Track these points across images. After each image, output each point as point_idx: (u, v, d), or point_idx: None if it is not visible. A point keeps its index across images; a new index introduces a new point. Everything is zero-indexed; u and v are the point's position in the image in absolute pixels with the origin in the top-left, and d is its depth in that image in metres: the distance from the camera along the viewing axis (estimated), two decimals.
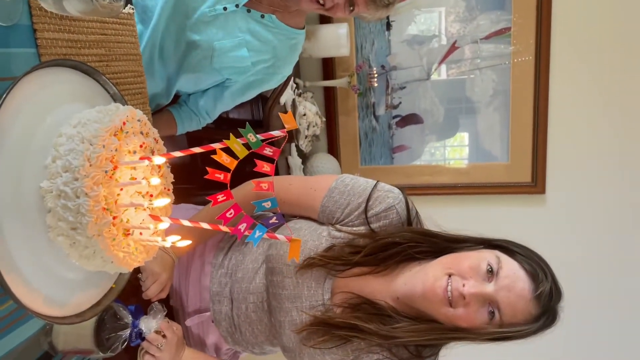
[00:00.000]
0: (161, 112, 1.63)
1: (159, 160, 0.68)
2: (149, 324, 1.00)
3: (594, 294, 2.31)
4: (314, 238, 1.15)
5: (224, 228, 0.72)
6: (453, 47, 2.30)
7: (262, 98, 1.95)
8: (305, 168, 2.29)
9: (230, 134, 0.70)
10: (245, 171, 0.91)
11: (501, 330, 0.99)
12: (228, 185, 0.73)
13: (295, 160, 2.20)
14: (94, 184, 0.63)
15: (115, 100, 0.83)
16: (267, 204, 0.73)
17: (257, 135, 0.71)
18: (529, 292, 0.99)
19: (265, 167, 0.73)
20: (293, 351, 1.15)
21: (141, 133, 0.73)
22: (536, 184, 2.31)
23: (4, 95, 0.61)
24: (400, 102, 2.40)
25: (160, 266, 1.16)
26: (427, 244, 1.10)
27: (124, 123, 0.69)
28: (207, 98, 1.62)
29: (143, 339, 1.02)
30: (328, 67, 2.38)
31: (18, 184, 0.64)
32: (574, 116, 2.26)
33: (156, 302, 1.08)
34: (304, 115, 2.18)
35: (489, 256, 1.03)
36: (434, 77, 2.35)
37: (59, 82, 0.72)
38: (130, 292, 1.14)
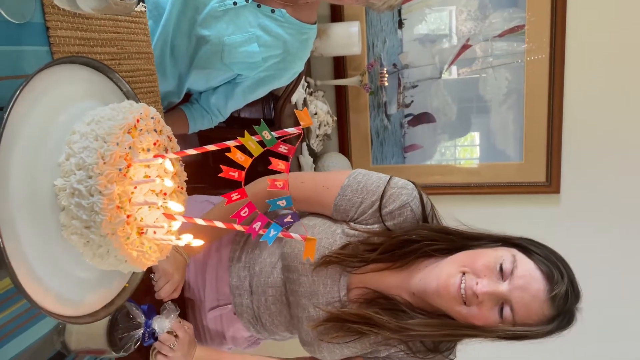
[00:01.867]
0: (173, 110, 1.63)
1: (170, 166, 0.67)
2: (162, 324, 0.99)
3: (612, 295, 2.27)
4: (329, 236, 1.15)
5: (239, 227, 0.71)
6: (466, 46, 2.28)
7: (273, 97, 1.94)
8: (316, 167, 2.28)
9: (245, 131, 0.69)
10: (257, 170, 0.90)
11: (514, 329, 0.98)
12: (242, 183, 0.72)
13: (306, 160, 2.19)
14: (107, 182, 0.62)
15: (128, 98, 0.82)
16: (282, 203, 0.72)
17: (272, 133, 0.69)
18: (544, 293, 0.97)
19: (280, 165, 0.71)
20: (312, 345, 1.15)
21: (155, 131, 0.72)
22: (551, 184, 2.29)
23: (17, 93, 0.61)
24: (412, 101, 2.38)
25: (173, 266, 1.16)
26: (444, 242, 1.09)
27: (138, 120, 0.68)
28: (218, 95, 1.62)
29: (156, 338, 1.01)
30: (339, 65, 2.37)
31: (31, 181, 0.63)
32: (590, 114, 2.23)
33: (169, 302, 1.07)
34: (315, 114, 2.16)
35: (504, 255, 1.01)
36: (445, 75, 2.33)
37: (72, 80, 0.71)
38: (143, 292, 1.13)
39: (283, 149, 0.70)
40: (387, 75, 2.30)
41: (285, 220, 0.73)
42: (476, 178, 2.40)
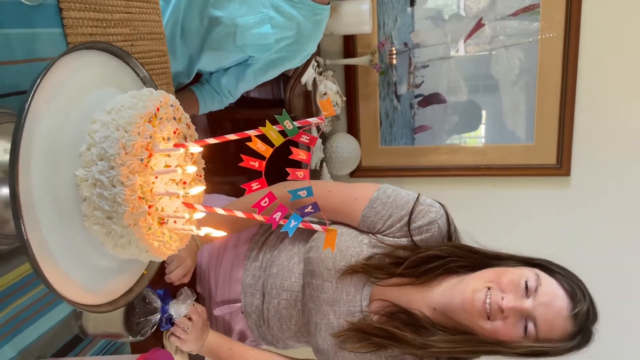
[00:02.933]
0: (183, 90, 1.61)
1: (196, 149, 0.66)
2: (179, 309, 1.00)
3: (622, 279, 2.27)
4: (355, 245, 1.15)
5: (259, 217, 0.70)
6: (479, 24, 2.24)
7: (283, 77, 1.91)
8: (325, 148, 2.27)
9: (267, 121, 0.68)
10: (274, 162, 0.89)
11: (537, 346, 1.00)
12: (263, 173, 0.71)
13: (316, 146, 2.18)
14: (129, 172, 0.61)
15: (145, 84, 0.81)
16: (303, 193, 0.72)
17: (294, 123, 0.68)
18: (567, 311, 1.00)
19: (302, 155, 0.70)
20: (327, 353, 1.15)
21: (174, 119, 0.71)
22: (561, 166, 2.27)
23: (38, 80, 0.59)
24: (422, 81, 2.35)
25: (186, 251, 1.16)
26: (468, 259, 1.11)
27: (158, 109, 0.67)
28: (229, 77, 1.60)
29: (173, 324, 1.02)
30: (349, 44, 2.33)
31: (53, 172, 0.62)
32: (603, 96, 2.20)
33: (185, 288, 1.08)
34: (325, 94, 2.14)
35: (528, 273, 1.03)
36: (456, 54, 2.29)
37: (91, 66, 0.70)
38: (157, 275, 1.14)
39: (305, 139, 0.69)
40: (395, 52, 2.26)
41: (306, 210, 0.73)
42: (484, 159, 2.38)
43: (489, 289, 1.02)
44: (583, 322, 1.00)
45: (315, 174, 2.22)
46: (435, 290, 1.11)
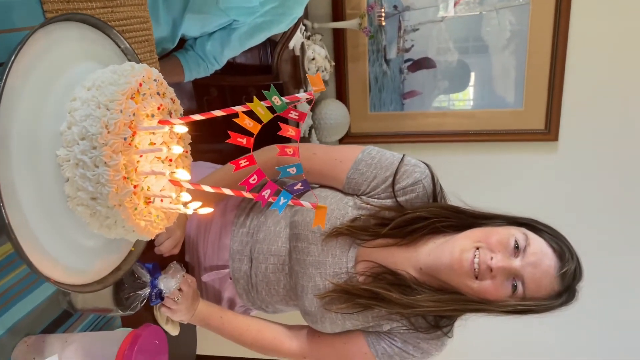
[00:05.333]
0: (167, 58, 1.56)
1: (181, 129, 0.64)
2: (169, 284, 0.99)
3: (608, 244, 2.32)
4: (340, 207, 1.15)
5: (248, 195, 0.69)
6: None
7: (270, 42, 1.87)
8: (313, 115, 2.24)
9: (254, 96, 0.65)
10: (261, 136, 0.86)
11: (523, 304, 1.01)
12: (251, 150, 0.69)
13: (304, 107, 2.14)
14: (113, 152, 0.60)
15: (126, 55, 0.77)
16: (293, 170, 0.70)
17: (283, 98, 0.66)
18: (555, 270, 1.00)
19: (291, 132, 0.69)
20: (314, 315, 1.16)
21: (158, 94, 0.69)
22: (549, 131, 2.27)
23: (14, 56, 0.56)
24: (412, 45, 2.30)
25: (175, 222, 1.15)
26: (454, 219, 1.10)
27: (141, 84, 0.64)
28: (213, 42, 1.55)
29: (162, 298, 1.02)
30: (337, 7, 2.27)
31: (33, 151, 0.60)
32: (593, 60, 2.19)
33: (174, 262, 1.07)
34: (313, 59, 2.10)
35: (516, 232, 1.03)
36: (446, 15, 2.23)
37: (69, 39, 0.67)
38: (145, 249, 1.13)
39: (294, 114, 0.67)
40: (384, 13, 2.20)
41: (295, 187, 0.72)
42: (472, 124, 2.37)
43: (477, 248, 1.02)
44: (569, 281, 1.01)
45: (304, 141, 2.20)
46: (421, 250, 1.11)
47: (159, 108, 0.68)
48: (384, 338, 1.14)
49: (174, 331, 1.21)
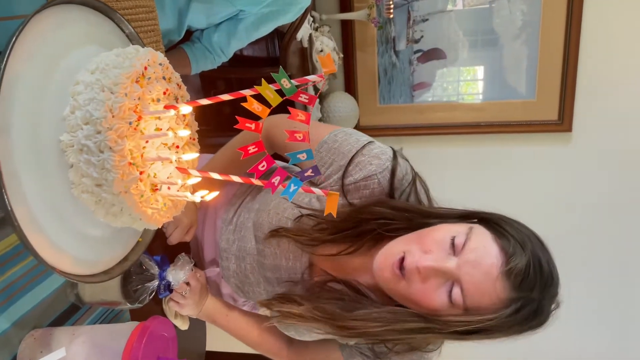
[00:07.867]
0: (173, 50, 1.55)
1: (186, 109, 0.62)
2: (177, 276, 0.98)
3: (622, 236, 2.27)
4: (299, 201, 1.01)
5: (257, 182, 0.67)
6: None
7: (278, 33, 1.85)
8: (322, 108, 2.22)
9: (262, 79, 0.63)
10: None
11: (467, 320, 0.81)
12: (260, 135, 0.67)
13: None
14: (118, 136, 0.58)
15: (131, 41, 0.76)
16: (303, 156, 0.68)
17: (292, 81, 0.64)
18: (497, 269, 0.80)
19: (300, 116, 0.67)
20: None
21: (164, 78, 0.67)
22: (563, 122, 2.23)
23: (14, 39, 0.55)
24: (422, 36, 2.27)
25: (183, 211, 1.12)
26: (401, 220, 0.93)
27: (146, 68, 0.62)
28: (220, 33, 1.53)
29: (171, 291, 1.00)
30: None
31: (36, 137, 0.58)
32: (607, 49, 2.14)
33: (183, 254, 1.05)
34: (321, 51, 2.07)
35: (459, 229, 0.86)
36: (453, 7, 2.20)
37: (71, 22, 0.65)
38: (154, 241, 1.11)
39: (303, 98, 0.65)
40: (393, 5, 2.17)
41: (306, 174, 0.69)
42: (483, 116, 2.33)
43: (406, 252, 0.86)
44: (518, 283, 0.80)
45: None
46: (374, 257, 0.93)
47: (164, 93, 0.66)
48: (356, 353, 1.02)
49: (183, 325, 1.20)
